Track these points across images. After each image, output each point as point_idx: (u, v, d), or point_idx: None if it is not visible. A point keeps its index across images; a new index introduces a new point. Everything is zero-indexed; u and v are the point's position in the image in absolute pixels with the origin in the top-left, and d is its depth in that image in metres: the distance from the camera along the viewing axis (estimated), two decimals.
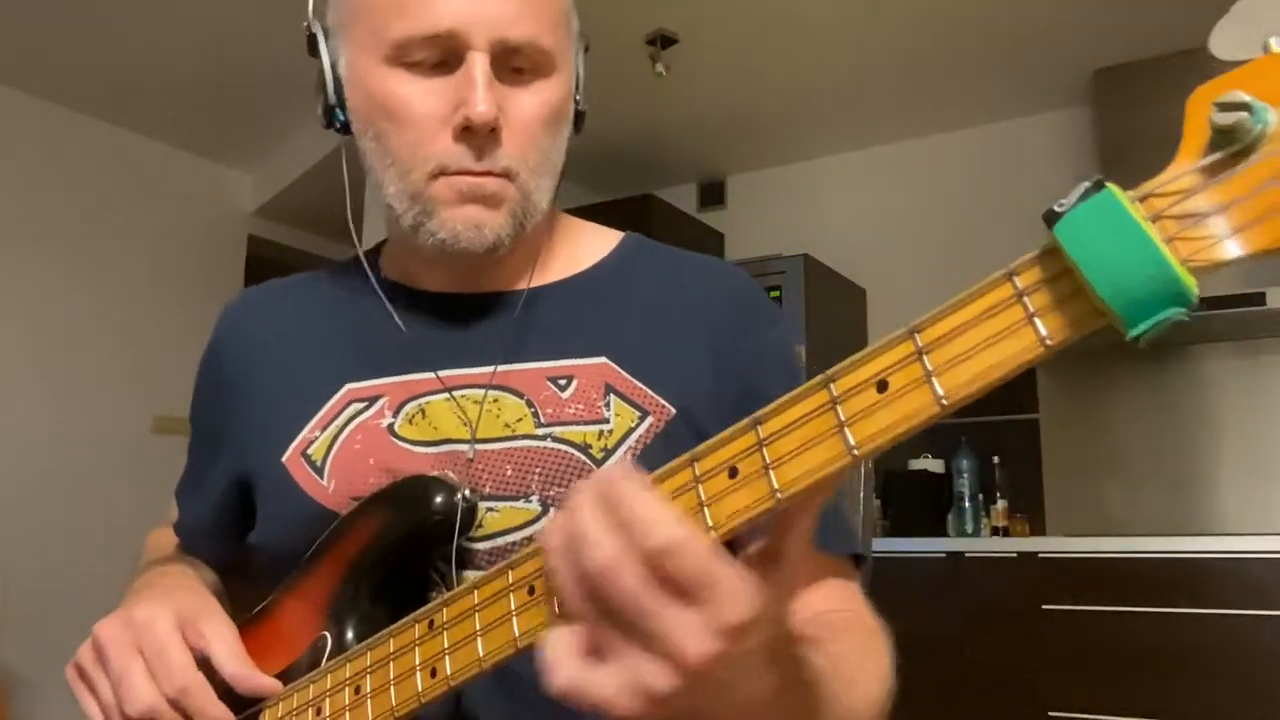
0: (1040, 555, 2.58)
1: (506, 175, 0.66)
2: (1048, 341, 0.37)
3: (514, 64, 0.66)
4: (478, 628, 0.51)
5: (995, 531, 3.00)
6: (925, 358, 0.39)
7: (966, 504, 3.05)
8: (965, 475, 3.07)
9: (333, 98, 0.71)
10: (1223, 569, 2.34)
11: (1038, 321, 0.37)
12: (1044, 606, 2.51)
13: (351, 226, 0.77)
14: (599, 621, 0.40)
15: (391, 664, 0.56)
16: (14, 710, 3.05)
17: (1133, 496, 2.93)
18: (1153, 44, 2.91)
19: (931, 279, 3.45)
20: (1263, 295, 2.52)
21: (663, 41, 2.95)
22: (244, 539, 0.78)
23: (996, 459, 3.10)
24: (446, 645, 0.53)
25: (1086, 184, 0.36)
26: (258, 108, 3.48)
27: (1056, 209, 0.36)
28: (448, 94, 0.65)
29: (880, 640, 0.66)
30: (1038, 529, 3.01)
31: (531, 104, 0.67)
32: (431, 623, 0.54)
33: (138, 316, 3.56)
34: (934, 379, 0.39)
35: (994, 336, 0.38)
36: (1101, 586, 2.46)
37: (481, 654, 0.50)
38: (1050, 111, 3.36)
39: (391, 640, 0.57)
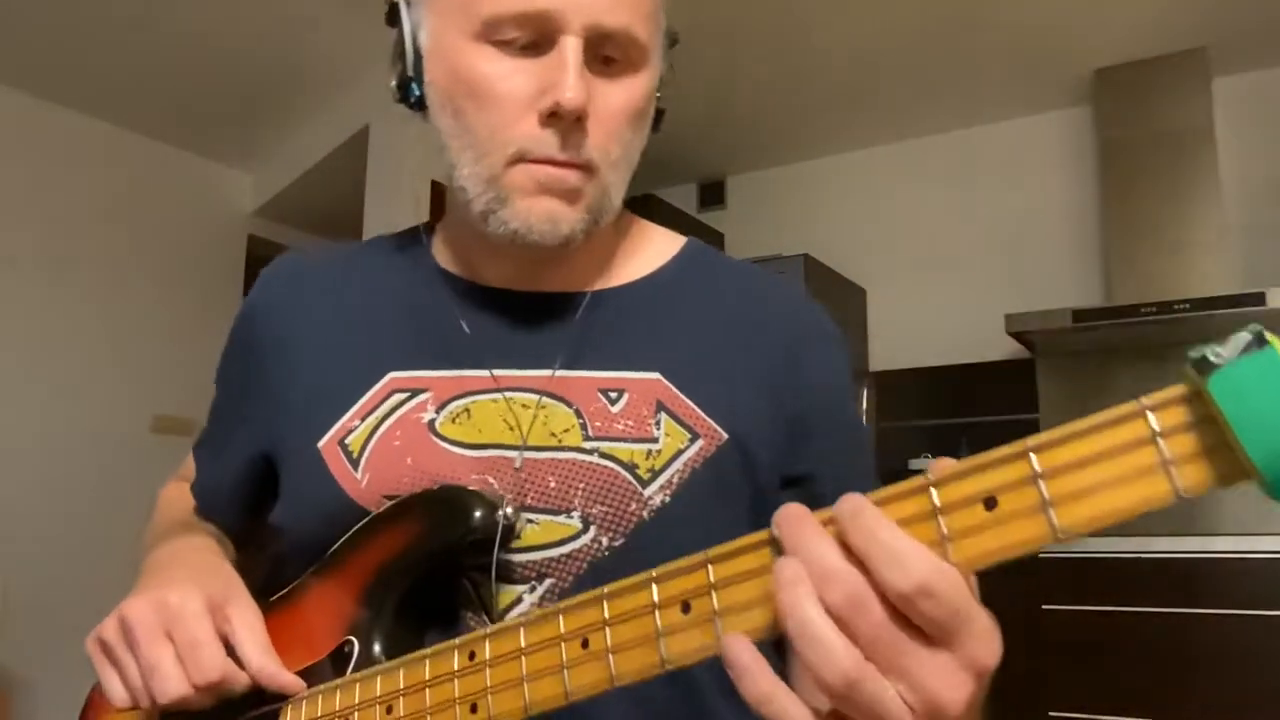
0: (1040, 555, 2.58)
1: (588, 168, 0.64)
2: (1183, 494, 0.34)
3: (605, 52, 0.63)
4: (524, 673, 0.49)
5: None
6: (1043, 484, 0.36)
7: None
8: None
9: (411, 70, 0.67)
10: (1223, 569, 2.34)
11: (1174, 471, 0.34)
12: (1044, 606, 2.51)
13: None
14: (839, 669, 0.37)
15: (428, 691, 0.54)
16: (14, 710, 3.05)
17: None
18: (1153, 44, 2.91)
19: (931, 279, 3.46)
20: (1262, 295, 2.52)
21: None
22: (260, 510, 0.76)
23: None
24: (489, 684, 0.50)
25: (1247, 336, 0.33)
26: (258, 108, 3.48)
27: (1212, 359, 0.33)
28: (536, 76, 0.62)
29: None
30: None
31: (619, 96, 0.64)
32: (473, 654, 0.52)
33: (138, 316, 3.56)
34: (1051, 509, 0.36)
35: (1122, 477, 0.35)
36: (1101, 586, 2.46)
37: (528, 701, 0.48)
38: (1050, 111, 3.36)
39: (428, 664, 0.54)
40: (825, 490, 0.70)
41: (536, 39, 0.62)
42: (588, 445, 0.66)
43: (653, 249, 0.77)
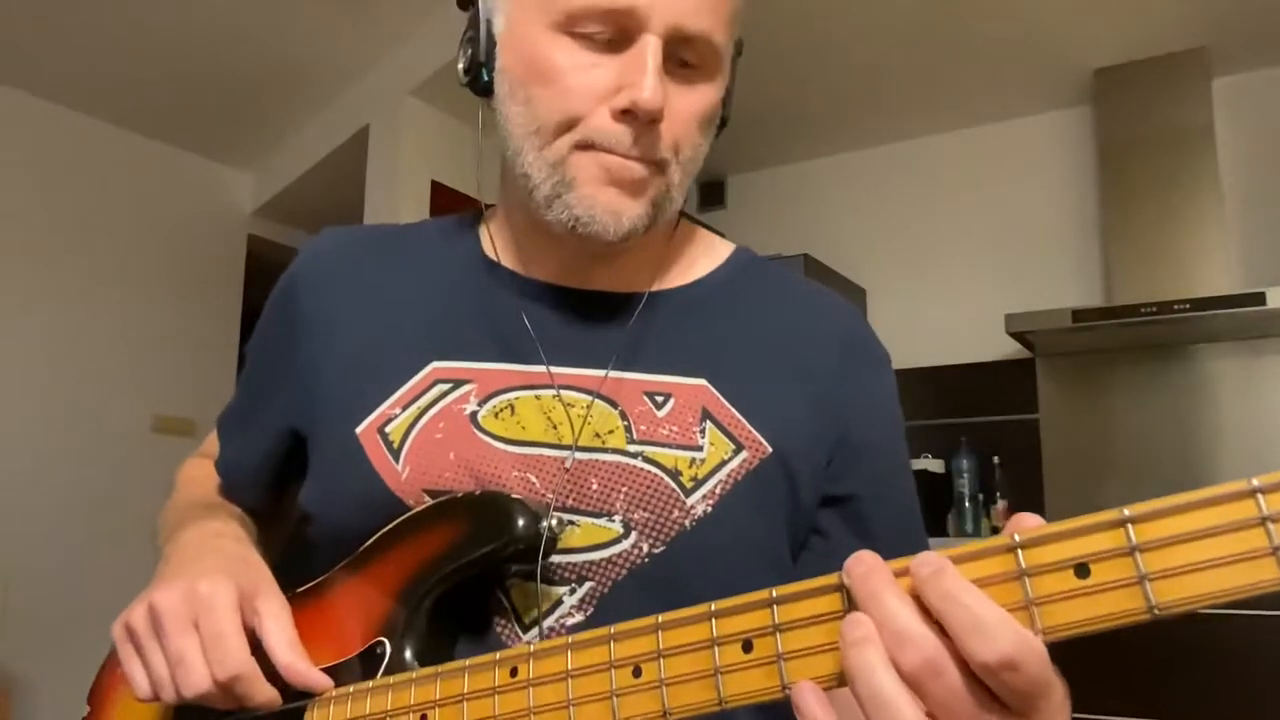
0: None
1: (658, 165, 0.63)
2: None
3: (683, 55, 0.62)
4: (570, 696, 0.47)
5: (995, 531, 2.98)
6: (1139, 557, 0.35)
7: (966, 504, 3.05)
8: (965, 475, 3.07)
9: (483, 55, 0.66)
10: None
11: None
12: None
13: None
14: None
15: (466, 704, 0.52)
16: (14, 710, 3.04)
17: (1133, 496, 2.92)
18: (1153, 44, 2.91)
19: (931, 279, 3.46)
20: (1263, 295, 2.52)
21: None
22: (285, 489, 0.76)
23: (996, 459, 3.10)
24: (532, 704, 0.49)
25: None
26: (258, 108, 3.48)
27: None
28: (614, 72, 0.61)
29: None
30: None
31: (693, 100, 0.64)
32: (515, 670, 0.50)
33: (138, 316, 3.56)
34: (1148, 584, 0.35)
35: (1226, 558, 0.34)
36: None
37: None
38: (1050, 111, 3.36)
39: (466, 677, 0.53)
40: (866, 512, 0.69)
41: (617, 35, 0.61)
42: (632, 448, 0.65)
43: (703, 253, 0.76)
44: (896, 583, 0.38)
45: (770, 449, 0.66)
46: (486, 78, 0.67)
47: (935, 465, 3.17)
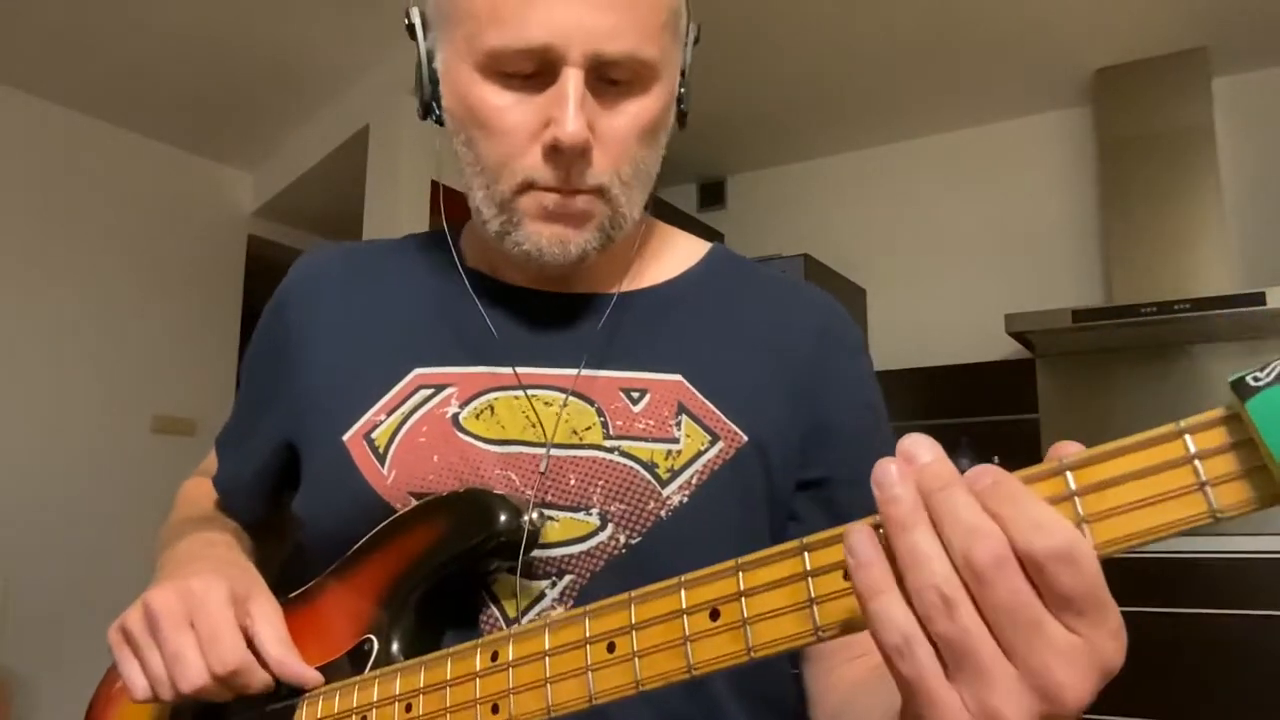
0: None
1: (597, 192, 0.64)
2: (1219, 515, 0.35)
3: (612, 75, 0.63)
4: (547, 674, 0.49)
5: None
6: (1079, 501, 0.37)
7: None
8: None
9: (428, 93, 0.68)
10: (1223, 569, 2.34)
11: (1210, 491, 0.35)
12: None
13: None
14: (959, 626, 0.36)
15: (449, 690, 0.54)
16: (14, 710, 3.05)
17: None
18: (1153, 44, 2.91)
19: (931, 279, 3.46)
20: (1263, 295, 2.52)
21: None
22: (281, 501, 0.77)
23: (996, 459, 3.09)
24: (511, 685, 0.50)
25: None
26: (258, 108, 3.48)
27: (1251, 382, 0.33)
28: (540, 108, 0.62)
29: None
30: None
31: (627, 118, 0.64)
32: (495, 655, 0.52)
33: (138, 316, 3.56)
34: (1086, 526, 0.37)
35: (1157, 496, 0.36)
36: None
37: (551, 703, 0.49)
38: (1050, 111, 3.36)
39: (450, 663, 0.54)
40: (840, 496, 0.71)
41: (540, 69, 0.62)
42: (608, 444, 0.66)
43: (678, 253, 0.78)
44: (963, 481, 0.38)
45: (746, 438, 0.68)
46: (438, 112, 0.69)
47: None
